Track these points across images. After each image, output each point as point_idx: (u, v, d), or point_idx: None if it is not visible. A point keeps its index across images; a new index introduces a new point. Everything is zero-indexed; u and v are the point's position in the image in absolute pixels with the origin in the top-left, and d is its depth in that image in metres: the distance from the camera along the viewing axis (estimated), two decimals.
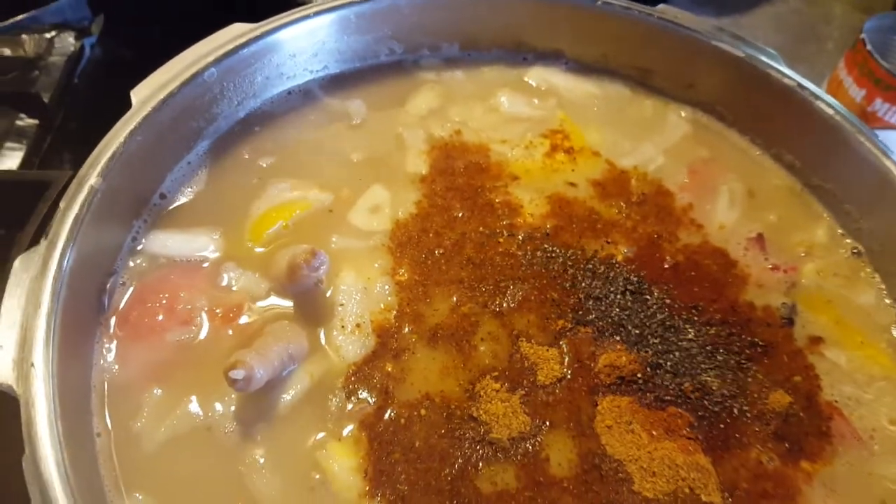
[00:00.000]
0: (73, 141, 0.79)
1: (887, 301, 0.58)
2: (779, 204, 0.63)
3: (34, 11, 0.84)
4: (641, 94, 0.71)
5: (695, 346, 0.52)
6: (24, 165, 0.75)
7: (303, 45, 0.65)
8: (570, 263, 0.56)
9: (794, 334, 0.54)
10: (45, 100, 0.79)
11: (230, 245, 0.55)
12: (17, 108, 0.79)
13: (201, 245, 0.55)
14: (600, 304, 0.54)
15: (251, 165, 0.61)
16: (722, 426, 0.48)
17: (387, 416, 0.47)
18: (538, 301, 0.53)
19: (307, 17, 0.62)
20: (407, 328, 0.51)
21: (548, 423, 0.47)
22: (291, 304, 0.52)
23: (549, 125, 0.67)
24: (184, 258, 0.54)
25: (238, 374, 0.43)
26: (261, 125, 0.64)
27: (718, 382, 0.50)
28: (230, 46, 0.59)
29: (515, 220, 0.59)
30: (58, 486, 0.38)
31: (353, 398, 0.48)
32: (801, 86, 0.62)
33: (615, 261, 0.57)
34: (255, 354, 0.45)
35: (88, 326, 0.49)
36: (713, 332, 0.53)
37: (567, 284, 0.55)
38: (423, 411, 0.47)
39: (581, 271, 0.56)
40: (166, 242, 0.55)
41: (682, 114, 0.70)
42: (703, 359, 0.51)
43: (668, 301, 0.54)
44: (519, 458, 0.46)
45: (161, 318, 0.50)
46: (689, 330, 0.53)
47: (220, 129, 0.63)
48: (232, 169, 0.61)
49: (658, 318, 0.53)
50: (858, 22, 0.81)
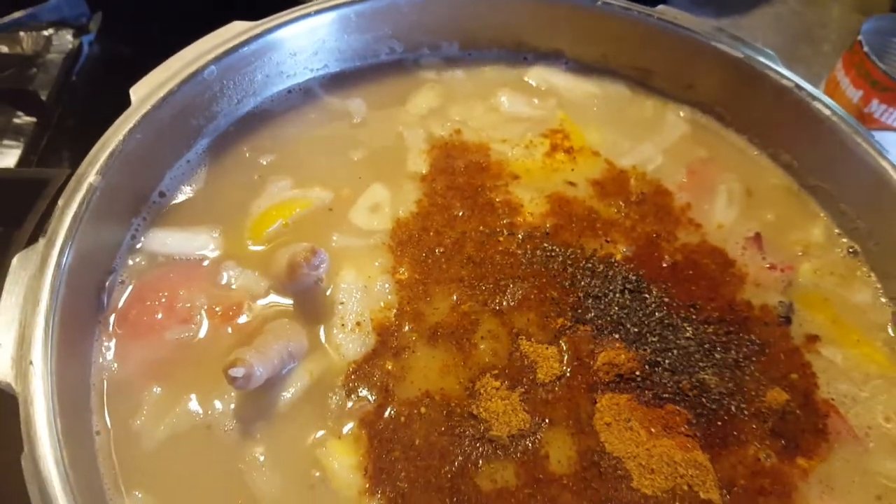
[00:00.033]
0: (70, 139, 0.79)
1: (883, 300, 0.58)
2: (776, 203, 0.64)
3: (32, 9, 0.84)
4: (641, 94, 0.71)
5: (693, 344, 0.52)
6: (22, 163, 0.75)
7: (303, 43, 0.65)
8: (569, 262, 0.56)
9: (790, 332, 0.55)
10: (43, 97, 0.79)
11: (230, 243, 0.55)
12: (14, 106, 0.78)
13: (201, 243, 0.55)
14: (599, 302, 0.54)
15: (251, 163, 0.61)
16: (720, 423, 0.49)
17: (387, 413, 0.47)
18: (538, 299, 0.54)
19: (307, 15, 0.62)
20: (407, 326, 0.52)
21: (547, 421, 0.48)
22: (291, 303, 0.52)
23: (549, 125, 0.67)
24: (183, 256, 0.54)
25: (238, 371, 0.43)
26: (261, 123, 0.64)
27: (716, 380, 0.50)
28: (230, 44, 0.58)
29: (515, 219, 0.59)
30: (57, 484, 0.38)
31: (353, 396, 0.48)
32: (798, 87, 0.62)
33: (614, 260, 0.57)
34: (255, 352, 0.45)
35: (87, 324, 0.49)
36: (711, 330, 0.53)
37: (566, 283, 0.55)
38: (423, 409, 0.47)
39: (580, 270, 0.56)
40: (166, 241, 0.55)
41: (681, 114, 0.70)
42: (701, 357, 0.52)
43: (666, 300, 0.55)
44: (518, 455, 0.46)
45: (160, 316, 0.50)
46: (687, 328, 0.53)
47: (219, 128, 0.62)
48: (232, 167, 0.61)
49: (656, 316, 0.54)
50: (856, 24, 0.82)
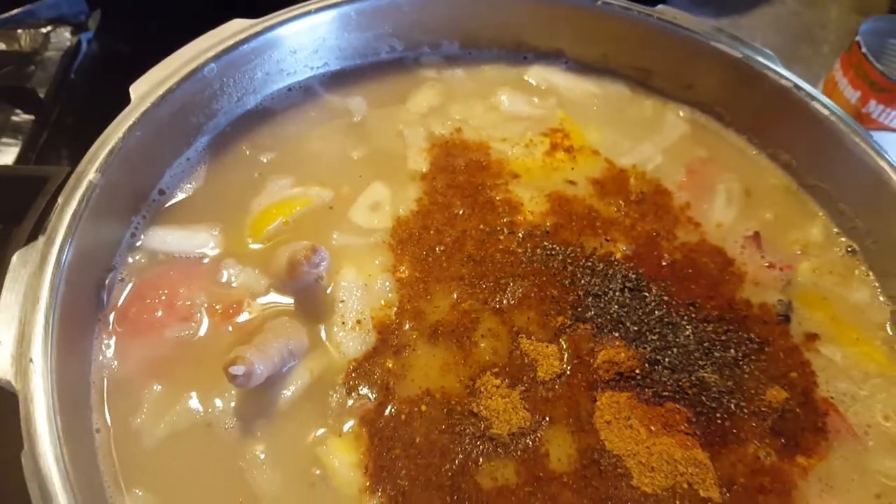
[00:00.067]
0: (69, 136, 0.79)
1: (881, 299, 0.58)
2: (775, 203, 0.64)
3: (30, 6, 0.84)
4: (641, 93, 0.71)
5: (692, 342, 0.52)
6: (20, 161, 0.74)
7: (303, 41, 0.64)
8: (569, 261, 0.56)
9: (790, 331, 0.55)
10: (41, 95, 0.79)
11: (230, 241, 0.55)
12: (12, 104, 0.78)
13: (201, 241, 0.55)
14: (599, 301, 0.54)
15: (251, 161, 0.61)
16: (719, 421, 0.49)
17: (387, 412, 0.47)
18: (538, 298, 0.54)
19: (308, 13, 0.62)
20: (407, 325, 0.52)
21: (547, 419, 0.48)
22: (292, 301, 0.52)
23: (549, 124, 0.68)
24: (183, 254, 0.54)
25: (238, 370, 0.43)
26: (261, 121, 0.64)
27: (716, 378, 0.51)
28: (230, 42, 0.58)
29: (515, 218, 0.59)
30: (57, 481, 0.38)
31: (353, 394, 0.48)
32: (797, 87, 0.62)
33: (614, 258, 0.57)
34: (255, 350, 0.45)
35: (87, 322, 0.49)
36: (710, 328, 0.54)
37: (566, 282, 0.55)
38: (423, 407, 0.47)
39: (580, 269, 0.56)
40: (165, 238, 0.55)
41: (681, 114, 0.70)
42: (701, 355, 0.52)
43: (666, 298, 0.55)
44: (519, 453, 0.46)
45: (160, 314, 0.50)
46: (686, 327, 0.53)
47: (219, 125, 0.62)
48: (232, 165, 0.61)
49: (656, 314, 0.54)
50: (854, 24, 0.82)
